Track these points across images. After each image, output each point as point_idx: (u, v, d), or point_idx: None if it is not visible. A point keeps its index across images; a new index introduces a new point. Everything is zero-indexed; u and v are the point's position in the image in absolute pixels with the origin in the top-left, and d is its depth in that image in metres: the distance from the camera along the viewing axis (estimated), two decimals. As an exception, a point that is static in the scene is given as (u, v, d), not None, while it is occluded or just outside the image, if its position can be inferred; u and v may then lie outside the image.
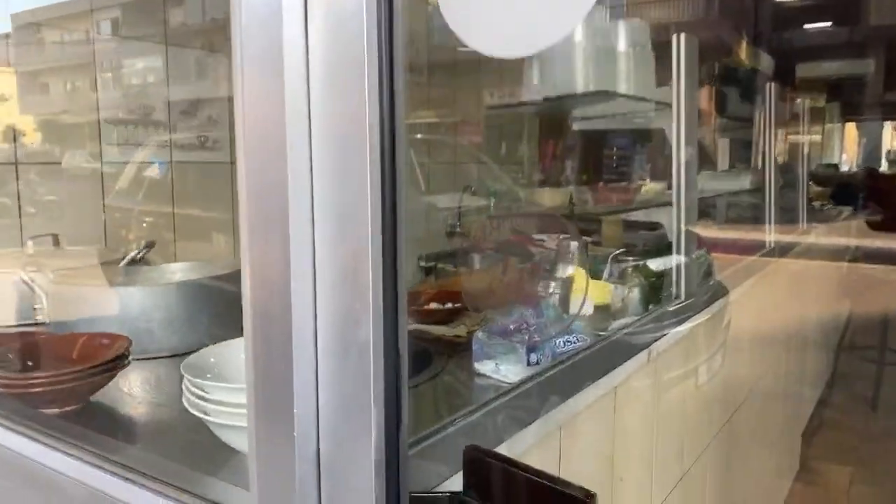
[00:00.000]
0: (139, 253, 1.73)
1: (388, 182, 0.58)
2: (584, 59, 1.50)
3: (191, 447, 0.87)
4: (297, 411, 0.59)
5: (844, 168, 6.94)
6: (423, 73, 2.56)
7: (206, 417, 0.82)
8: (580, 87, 1.54)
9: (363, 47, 0.55)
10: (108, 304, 1.32)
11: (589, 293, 1.38)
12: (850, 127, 7.26)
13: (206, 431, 0.85)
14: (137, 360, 1.24)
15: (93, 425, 0.95)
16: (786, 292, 3.04)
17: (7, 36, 1.90)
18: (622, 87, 1.59)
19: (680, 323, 1.54)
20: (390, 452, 0.60)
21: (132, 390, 1.12)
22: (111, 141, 2.02)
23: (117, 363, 1.07)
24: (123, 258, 1.72)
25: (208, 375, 0.84)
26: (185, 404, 0.84)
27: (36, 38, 1.95)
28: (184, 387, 0.85)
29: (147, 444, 0.90)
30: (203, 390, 0.82)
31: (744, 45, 3.29)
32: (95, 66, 1.96)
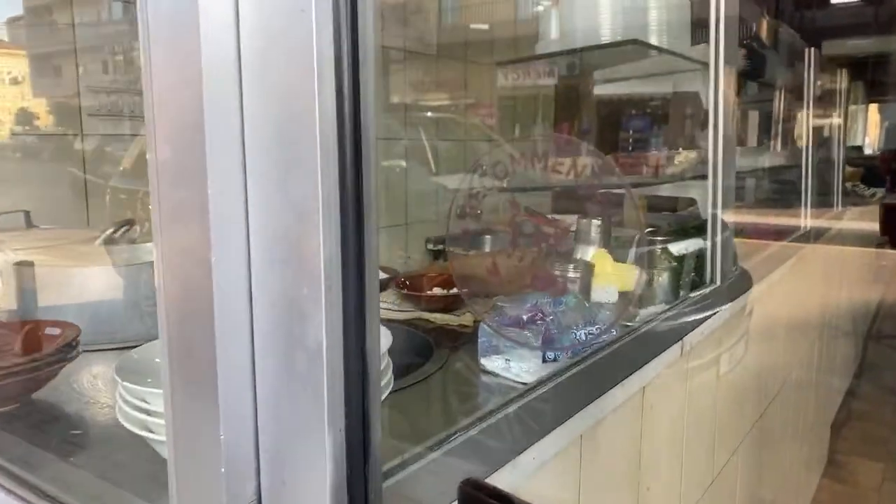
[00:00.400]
0: (116, 232, 1.57)
1: (350, 123, 0.41)
2: (611, 3, 1.30)
3: (132, 462, 0.72)
4: (224, 437, 0.43)
5: (868, 151, 6.73)
6: (433, 50, 2.40)
7: (148, 435, 0.65)
8: (606, 36, 1.34)
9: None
10: (68, 287, 1.17)
11: (614, 278, 1.21)
12: (873, 109, 7.03)
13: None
14: (99, 350, 1.10)
15: (22, 432, 0.80)
16: (820, 278, 2.85)
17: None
18: (653, 39, 1.39)
19: (716, 311, 1.36)
20: (355, 488, 0.44)
21: (83, 387, 0.97)
22: (95, 115, 1.86)
23: (62, 356, 0.92)
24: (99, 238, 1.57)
25: (149, 380, 0.68)
26: (120, 418, 0.67)
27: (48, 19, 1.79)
28: (118, 395, 0.69)
29: (82, 456, 0.75)
30: (143, 400, 0.66)
31: (765, 23, 3.07)
32: (75, 36, 1.80)
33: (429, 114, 2.46)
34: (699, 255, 1.48)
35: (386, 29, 2.21)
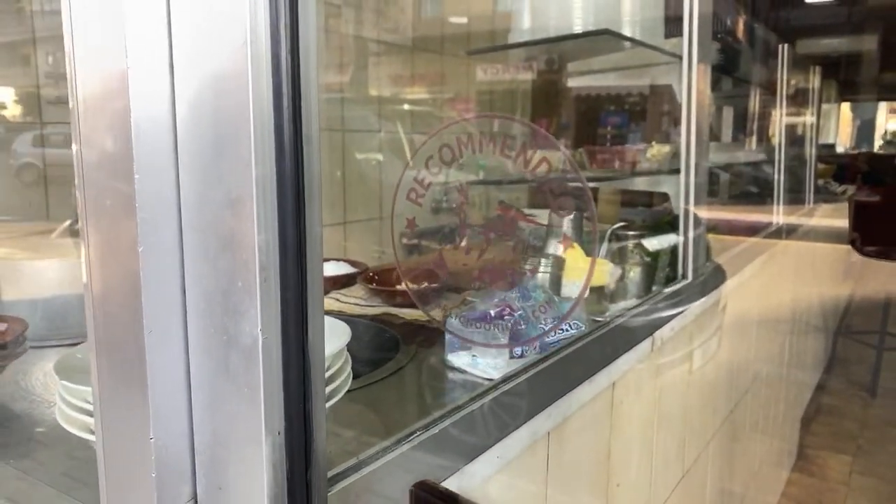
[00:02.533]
0: (76, 224, 1.52)
1: (288, 106, 0.38)
2: (583, -8, 1.29)
3: (78, 465, 0.68)
4: (155, 439, 0.40)
5: (840, 149, 6.83)
6: (410, 44, 2.37)
7: (89, 437, 0.62)
8: (578, 27, 1.32)
9: None
10: (19, 281, 1.12)
11: (585, 273, 1.19)
12: (845, 107, 7.13)
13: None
14: (52, 346, 1.05)
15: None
16: (791, 274, 2.88)
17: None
18: (626, 30, 1.38)
19: (687, 307, 1.35)
20: (296, 496, 0.41)
21: (32, 385, 0.93)
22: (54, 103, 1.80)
23: (8, 352, 0.88)
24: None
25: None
26: (59, 419, 0.64)
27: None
28: (57, 395, 0.65)
29: (24, 458, 0.71)
30: (85, 400, 0.62)
31: (740, 18, 3.08)
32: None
33: (405, 106, 2.43)
34: (673, 251, 1.47)
35: (362, 19, 2.17)
